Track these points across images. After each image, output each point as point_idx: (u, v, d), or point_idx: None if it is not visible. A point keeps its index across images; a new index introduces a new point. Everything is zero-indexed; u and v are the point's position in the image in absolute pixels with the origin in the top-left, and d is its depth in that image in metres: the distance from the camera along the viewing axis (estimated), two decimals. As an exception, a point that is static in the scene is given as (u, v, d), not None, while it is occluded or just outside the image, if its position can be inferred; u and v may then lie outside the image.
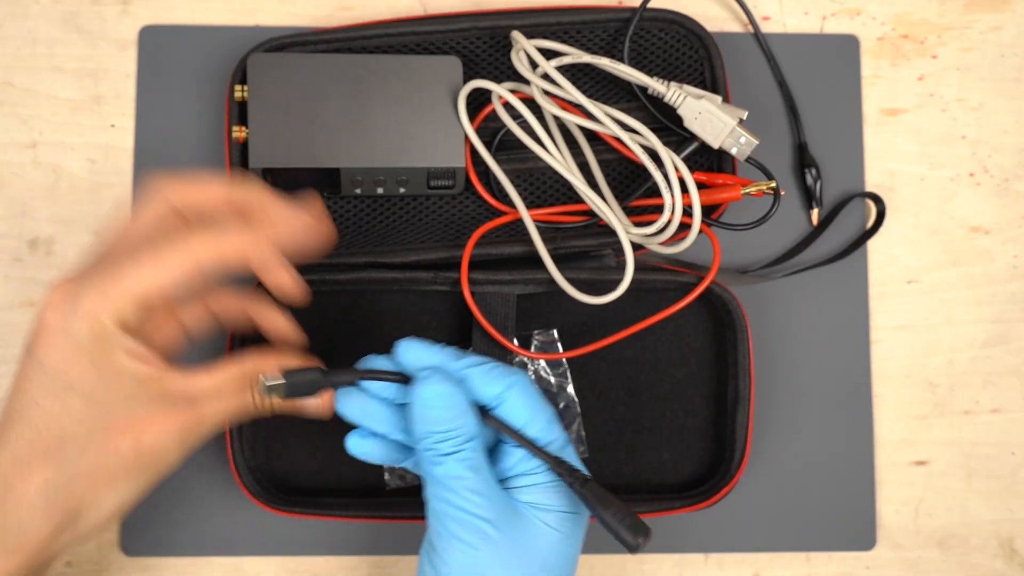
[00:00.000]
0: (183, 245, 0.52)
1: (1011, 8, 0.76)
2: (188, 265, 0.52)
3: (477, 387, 0.57)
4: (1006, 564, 0.73)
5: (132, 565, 0.71)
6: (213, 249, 0.53)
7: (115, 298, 0.51)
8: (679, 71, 0.72)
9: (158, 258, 0.52)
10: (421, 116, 0.68)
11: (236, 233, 0.54)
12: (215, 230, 0.53)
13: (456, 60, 0.68)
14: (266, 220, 0.55)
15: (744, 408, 0.68)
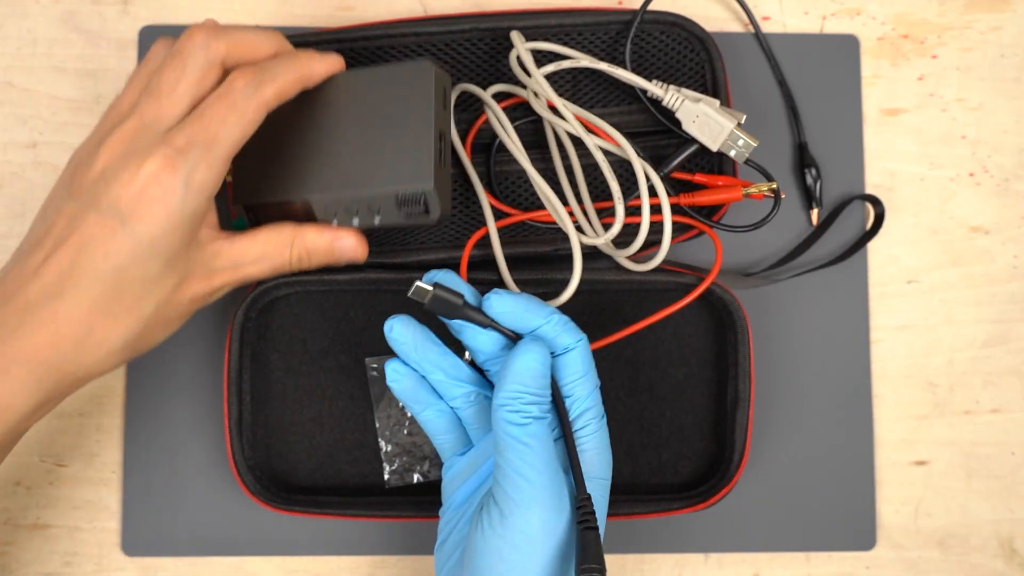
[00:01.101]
0: (257, 96, 0.57)
1: (1011, 8, 0.76)
2: (262, 110, 0.57)
3: (553, 334, 0.59)
4: (1006, 564, 0.73)
5: (132, 565, 0.71)
6: (277, 91, 0.58)
7: (217, 164, 0.56)
8: (680, 73, 0.72)
9: (240, 112, 0.56)
10: (388, 134, 0.62)
11: (290, 74, 0.59)
12: (275, 75, 0.58)
13: (427, 65, 0.62)
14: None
15: (744, 409, 0.68)
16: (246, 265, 0.61)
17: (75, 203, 0.55)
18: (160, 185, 0.54)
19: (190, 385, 0.71)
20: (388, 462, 0.71)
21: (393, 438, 0.71)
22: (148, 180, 0.54)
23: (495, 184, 0.71)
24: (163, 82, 0.57)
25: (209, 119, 0.56)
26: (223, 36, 0.58)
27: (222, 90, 0.57)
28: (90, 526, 0.71)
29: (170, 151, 0.54)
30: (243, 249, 0.60)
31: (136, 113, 0.57)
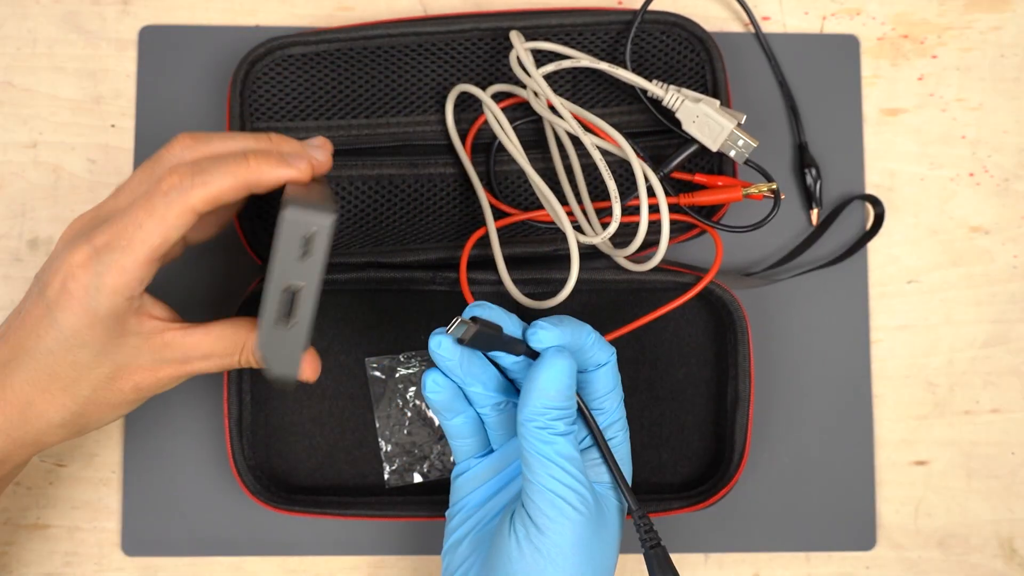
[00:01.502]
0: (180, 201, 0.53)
1: (1011, 8, 0.76)
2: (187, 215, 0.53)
3: (589, 353, 0.59)
4: (1006, 564, 0.73)
5: (132, 565, 0.71)
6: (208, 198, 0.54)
7: (133, 268, 0.53)
8: (680, 74, 0.72)
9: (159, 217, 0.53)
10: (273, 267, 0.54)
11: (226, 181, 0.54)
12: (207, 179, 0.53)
13: (281, 216, 0.52)
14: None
15: (744, 409, 0.68)
16: (195, 360, 0.58)
17: (35, 284, 0.57)
18: (76, 281, 0.53)
19: (190, 385, 0.71)
20: (388, 462, 0.71)
21: (393, 438, 0.71)
22: (68, 275, 0.53)
23: (495, 184, 0.71)
24: (131, 181, 0.56)
25: (128, 221, 0.53)
26: (199, 147, 0.56)
27: (151, 187, 0.54)
28: (90, 526, 0.71)
29: (90, 249, 0.53)
30: (195, 343, 0.58)
31: (100, 203, 0.57)
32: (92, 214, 0.56)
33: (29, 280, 0.72)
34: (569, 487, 0.56)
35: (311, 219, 0.53)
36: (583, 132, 0.67)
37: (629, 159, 0.66)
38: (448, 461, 0.71)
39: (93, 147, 0.73)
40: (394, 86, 0.71)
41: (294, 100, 0.71)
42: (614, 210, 0.65)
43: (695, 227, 0.70)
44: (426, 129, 0.71)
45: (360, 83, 0.71)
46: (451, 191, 0.71)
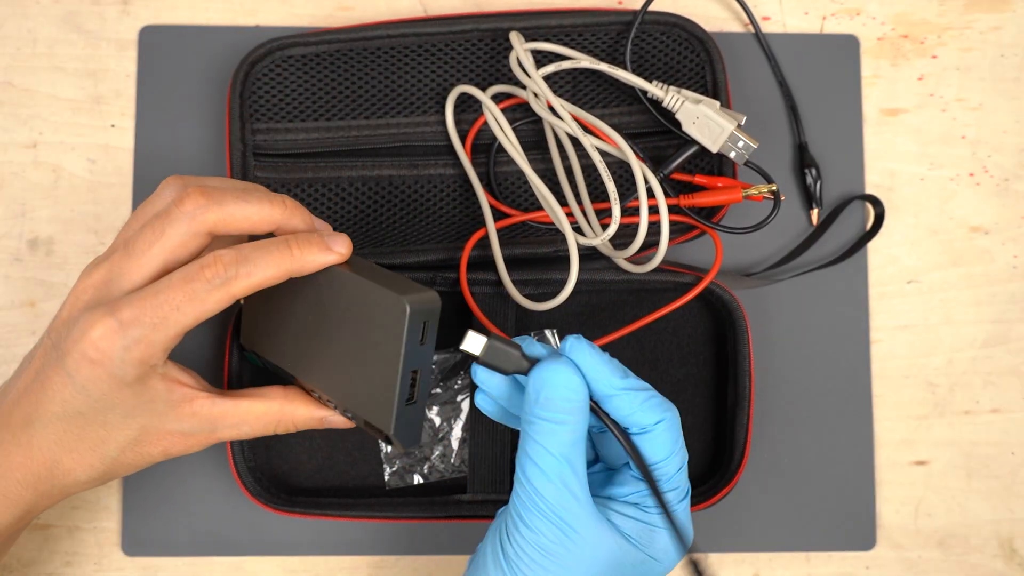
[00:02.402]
0: (222, 289, 0.53)
1: (1011, 8, 0.76)
2: (225, 302, 0.54)
3: (627, 410, 0.56)
4: (1006, 564, 0.73)
5: (132, 565, 0.71)
6: (250, 287, 0.54)
7: (161, 343, 0.54)
8: (680, 74, 0.72)
9: (199, 302, 0.53)
10: (361, 358, 0.57)
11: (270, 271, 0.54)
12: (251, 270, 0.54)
13: (404, 305, 0.54)
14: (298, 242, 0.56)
15: (744, 409, 0.68)
16: (225, 429, 0.59)
17: (48, 340, 0.56)
18: (99, 351, 0.53)
19: (190, 385, 0.71)
20: (388, 463, 0.71)
21: (393, 438, 0.71)
22: (89, 345, 0.53)
23: (495, 184, 0.71)
24: (140, 240, 0.54)
25: (163, 300, 0.53)
26: (214, 208, 0.54)
27: (190, 271, 0.53)
28: (90, 526, 0.71)
29: (114, 322, 0.53)
30: (223, 413, 0.58)
31: (108, 263, 0.55)
32: (105, 272, 0.55)
33: (29, 280, 0.72)
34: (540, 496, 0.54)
35: (429, 308, 0.55)
36: (582, 133, 0.67)
37: (629, 160, 0.66)
38: (449, 462, 0.71)
39: (93, 147, 0.73)
40: (394, 87, 0.71)
41: (294, 101, 0.70)
42: (613, 211, 0.65)
43: (695, 228, 0.70)
44: (426, 130, 0.71)
45: (360, 84, 0.71)
46: (451, 192, 0.71)
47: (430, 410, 0.71)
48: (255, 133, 0.70)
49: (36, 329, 0.72)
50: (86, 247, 0.72)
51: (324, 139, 0.70)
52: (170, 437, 0.58)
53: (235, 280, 0.53)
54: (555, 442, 0.54)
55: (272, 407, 0.60)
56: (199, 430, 0.58)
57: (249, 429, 0.60)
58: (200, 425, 0.58)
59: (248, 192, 0.56)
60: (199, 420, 0.58)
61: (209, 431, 0.58)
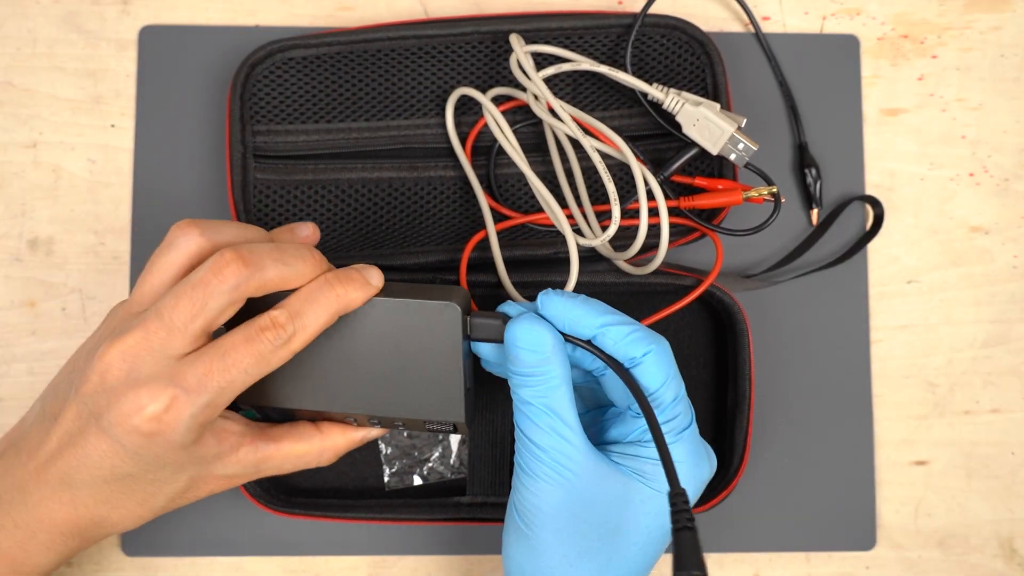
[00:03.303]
0: (285, 348, 0.55)
1: (1011, 8, 0.76)
2: (286, 359, 0.56)
3: (612, 346, 0.56)
4: (1006, 564, 0.73)
5: (132, 565, 0.71)
6: (309, 339, 0.56)
7: (224, 405, 0.55)
8: (681, 77, 0.72)
9: (265, 363, 0.55)
10: (416, 367, 0.59)
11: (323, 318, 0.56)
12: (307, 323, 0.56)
13: (456, 308, 0.58)
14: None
15: (744, 412, 0.68)
16: (267, 468, 0.61)
17: (80, 403, 0.55)
18: (160, 424, 0.53)
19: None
20: (388, 464, 0.71)
21: (393, 440, 0.71)
22: (147, 420, 0.53)
23: (495, 186, 0.71)
24: (177, 312, 0.54)
25: (231, 363, 0.54)
26: (256, 276, 0.54)
27: (251, 333, 0.55)
28: (90, 526, 0.71)
29: (178, 391, 0.53)
30: (267, 455, 0.60)
31: (142, 329, 0.54)
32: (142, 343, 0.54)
33: (29, 280, 0.72)
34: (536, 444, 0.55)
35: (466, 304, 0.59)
36: (582, 135, 0.67)
37: (629, 162, 0.66)
38: (448, 464, 0.71)
39: (93, 147, 0.73)
40: (395, 89, 0.71)
41: (294, 102, 0.70)
42: (613, 212, 0.65)
43: (695, 230, 0.70)
44: (426, 132, 0.71)
45: (360, 86, 0.71)
46: (451, 194, 0.71)
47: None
48: (255, 135, 0.70)
49: (36, 329, 0.72)
50: (86, 247, 0.72)
51: (324, 141, 0.70)
52: (216, 482, 0.60)
53: (295, 336, 0.55)
54: (535, 393, 0.56)
55: (312, 445, 0.62)
56: (244, 473, 0.60)
57: (292, 466, 0.61)
58: (245, 469, 0.60)
59: (283, 252, 0.56)
60: (244, 465, 0.59)
61: (253, 472, 0.60)
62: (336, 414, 0.61)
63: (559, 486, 0.55)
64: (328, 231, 0.70)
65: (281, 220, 0.70)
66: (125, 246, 0.72)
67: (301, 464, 0.62)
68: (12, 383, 0.72)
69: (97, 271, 0.72)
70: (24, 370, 0.72)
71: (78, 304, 0.72)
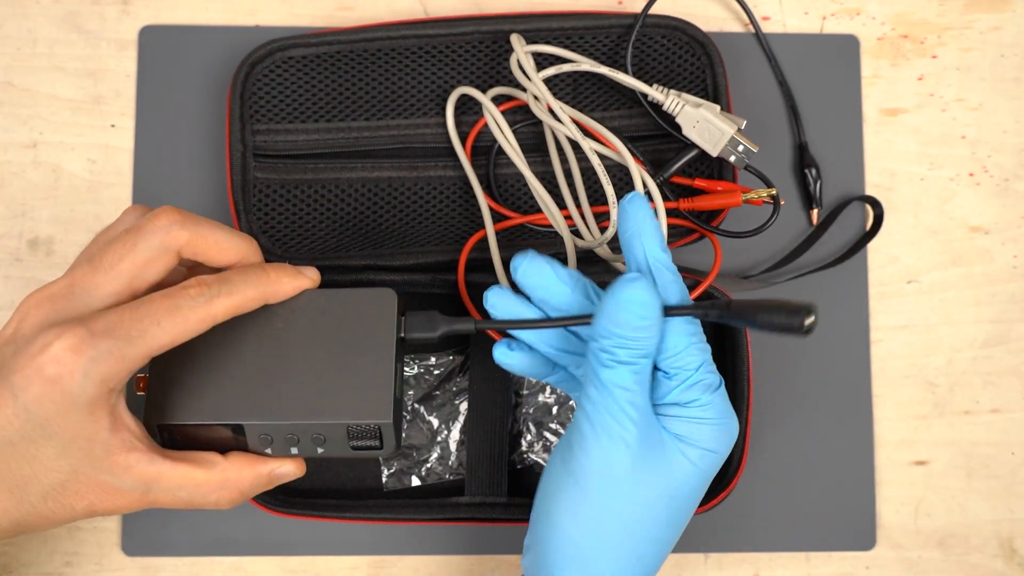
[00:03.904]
0: (205, 308, 0.53)
1: (1011, 8, 0.76)
2: (206, 323, 0.53)
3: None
4: (1006, 564, 0.73)
5: (132, 565, 0.71)
6: (231, 307, 0.54)
7: (130, 360, 0.51)
8: (681, 78, 0.72)
9: (181, 318, 0.52)
10: (342, 363, 0.56)
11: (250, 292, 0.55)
12: (232, 290, 0.54)
13: (391, 293, 0.57)
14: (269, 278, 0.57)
15: (742, 413, 0.68)
16: (158, 492, 0.55)
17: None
18: (60, 365, 0.50)
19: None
20: (386, 465, 0.71)
21: (392, 441, 0.71)
22: (50, 358, 0.50)
23: (494, 187, 0.71)
24: (108, 253, 0.53)
25: (143, 313, 0.51)
26: (189, 226, 0.54)
27: (170, 290, 0.53)
28: (90, 526, 0.71)
29: (84, 331, 0.50)
30: (160, 473, 0.54)
31: (69, 276, 0.53)
32: (65, 287, 0.53)
33: (29, 280, 0.72)
34: (613, 416, 0.53)
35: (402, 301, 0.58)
36: (582, 137, 0.67)
37: (627, 164, 0.66)
38: (446, 465, 0.71)
39: (93, 147, 0.73)
40: (394, 88, 0.71)
41: (294, 102, 0.71)
42: (612, 214, 0.65)
43: (695, 232, 0.70)
44: (426, 132, 0.71)
45: (360, 85, 0.71)
46: (451, 194, 0.71)
47: (429, 413, 0.71)
48: (255, 134, 0.70)
49: (36, 329, 0.72)
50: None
51: (324, 140, 0.71)
52: (99, 489, 0.54)
53: (218, 299, 0.53)
54: (633, 355, 0.54)
55: (213, 475, 0.56)
56: (131, 488, 0.54)
57: (187, 496, 0.56)
58: (133, 482, 0.54)
59: (219, 223, 0.56)
60: (132, 476, 0.54)
61: (143, 491, 0.54)
62: (251, 431, 0.56)
63: (630, 448, 0.54)
64: (328, 231, 0.70)
65: (281, 219, 0.70)
66: (125, 246, 0.72)
67: (197, 496, 0.56)
68: (12, 383, 0.72)
69: (97, 271, 0.72)
70: (24, 370, 0.72)
71: (78, 304, 0.72)
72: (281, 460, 0.58)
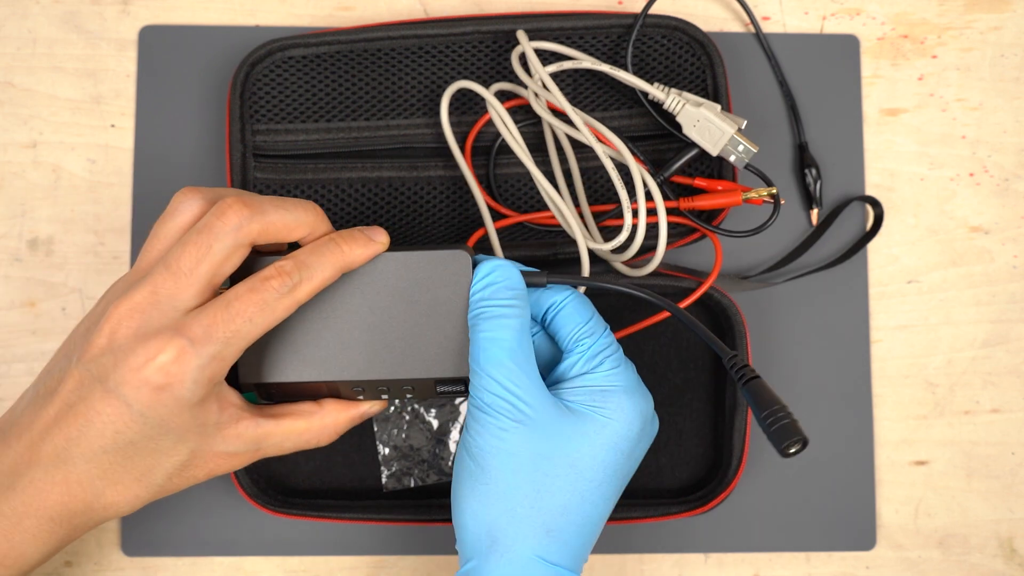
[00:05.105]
0: (290, 297, 0.55)
1: (1011, 8, 0.76)
2: (292, 309, 0.56)
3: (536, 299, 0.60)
4: (1006, 564, 0.73)
5: (132, 565, 0.71)
6: (313, 290, 0.57)
7: (232, 358, 0.55)
8: (681, 77, 0.72)
9: (269, 311, 0.55)
10: (425, 320, 0.59)
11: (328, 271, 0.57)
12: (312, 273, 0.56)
13: (465, 255, 0.59)
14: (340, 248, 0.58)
15: (742, 414, 0.68)
16: (267, 447, 0.60)
17: (83, 369, 0.55)
18: (169, 376, 0.53)
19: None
20: (386, 466, 0.71)
21: (391, 442, 0.71)
22: (157, 371, 0.53)
23: (494, 186, 0.71)
24: (184, 258, 0.54)
25: (235, 313, 0.54)
26: (257, 218, 0.55)
27: (255, 284, 0.55)
28: (90, 526, 0.71)
29: (185, 342, 0.53)
30: (268, 432, 0.59)
31: (149, 283, 0.55)
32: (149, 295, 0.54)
33: (29, 280, 0.72)
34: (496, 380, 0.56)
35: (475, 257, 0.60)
36: (595, 141, 0.66)
37: (627, 163, 0.66)
38: (446, 465, 0.71)
39: (93, 147, 0.73)
40: (395, 88, 0.71)
41: (294, 102, 0.70)
42: (626, 218, 0.65)
43: (695, 231, 0.70)
44: (426, 132, 0.71)
45: (360, 85, 0.71)
46: (451, 194, 0.71)
47: (428, 413, 0.71)
48: (255, 134, 0.70)
49: (36, 329, 0.72)
50: (86, 247, 0.72)
51: (324, 140, 0.71)
52: (217, 459, 0.58)
53: (300, 285, 0.55)
54: (503, 327, 0.57)
55: (313, 422, 0.61)
56: (244, 450, 0.59)
57: (292, 444, 0.60)
58: (246, 446, 0.58)
59: (281, 199, 0.57)
60: (244, 441, 0.58)
61: (254, 449, 0.59)
62: (343, 385, 0.60)
63: (520, 423, 0.56)
64: (328, 231, 0.70)
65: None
66: (125, 246, 0.72)
67: (302, 443, 0.61)
68: (12, 383, 0.72)
69: (97, 271, 0.72)
70: (24, 370, 0.72)
71: (78, 304, 0.72)
72: (371, 402, 0.62)
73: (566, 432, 0.57)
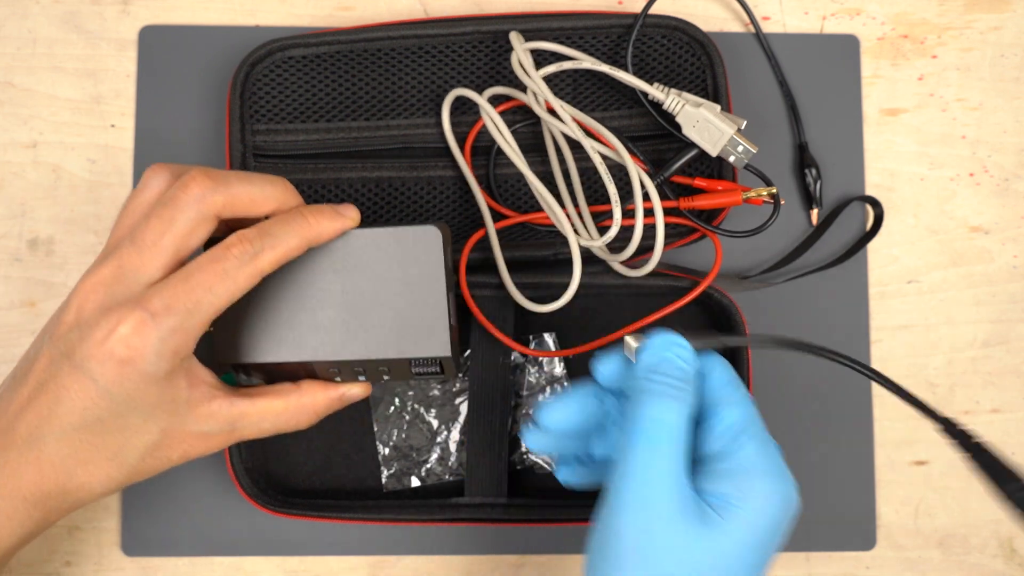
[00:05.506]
0: (252, 265, 0.54)
1: (1011, 8, 0.76)
2: (255, 279, 0.55)
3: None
4: (1006, 564, 0.73)
5: (132, 565, 0.71)
6: (277, 259, 0.55)
7: (195, 330, 0.54)
8: (681, 78, 0.72)
9: (231, 280, 0.54)
10: (398, 299, 0.59)
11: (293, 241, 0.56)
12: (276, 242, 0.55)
13: (435, 230, 0.59)
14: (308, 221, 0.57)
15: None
16: (243, 428, 0.59)
17: (53, 347, 0.55)
18: (131, 349, 0.52)
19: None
20: (386, 466, 0.71)
21: (391, 442, 0.71)
22: (118, 342, 0.52)
23: (494, 187, 0.71)
24: (148, 231, 0.54)
25: (195, 283, 0.53)
26: (221, 189, 0.55)
27: (216, 253, 0.54)
28: (90, 526, 0.71)
29: (145, 314, 0.52)
30: (243, 412, 0.58)
31: (115, 258, 0.54)
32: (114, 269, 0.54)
33: (29, 280, 0.72)
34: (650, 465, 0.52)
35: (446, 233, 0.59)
36: (584, 136, 0.66)
37: (625, 163, 0.66)
38: (446, 465, 0.71)
39: (93, 147, 0.73)
40: (394, 88, 0.71)
41: (294, 102, 0.70)
42: (615, 214, 0.65)
43: (695, 231, 0.70)
44: (426, 132, 0.71)
45: (360, 85, 0.71)
46: (451, 194, 0.71)
47: (429, 413, 0.71)
48: (255, 134, 0.70)
49: (36, 329, 0.72)
50: (86, 247, 0.72)
51: (324, 140, 0.71)
52: (190, 439, 0.57)
53: (263, 254, 0.55)
54: (669, 409, 0.53)
55: (290, 402, 0.60)
56: (219, 431, 0.58)
57: (270, 426, 0.60)
58: (220, 426, 0.58)
59: (248, 173, 0.57)
60: (218, 421, 0.57)
61: (229, 430, 0.58)
62: (319, 366, 0.60)
63: (664, 508, 0.52)
64: (327, 231, 0.70)
65: (281, 220, 0.70)
66: (125, 246, 0.72)
67: (280, 424, 0.60)
68: (12, 383, 0.72)
69: (97, 271, 0.72)
70: (24, 370, 0.72)
71: (78, 304, 0.72)
72: (350, 384, 0.62)
73: (708, 528, 0.52)
